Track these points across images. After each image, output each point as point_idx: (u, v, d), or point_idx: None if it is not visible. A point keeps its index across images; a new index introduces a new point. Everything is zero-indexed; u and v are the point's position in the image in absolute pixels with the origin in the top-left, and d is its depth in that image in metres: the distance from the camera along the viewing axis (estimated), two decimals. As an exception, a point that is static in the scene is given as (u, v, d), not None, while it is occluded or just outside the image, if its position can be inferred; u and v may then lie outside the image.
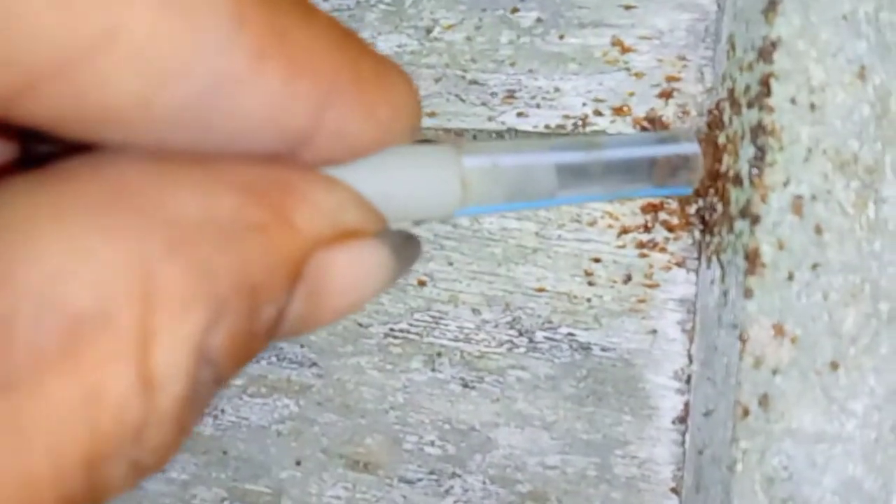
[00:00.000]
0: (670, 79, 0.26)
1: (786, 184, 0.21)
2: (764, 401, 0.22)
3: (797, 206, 0.21)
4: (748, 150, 0.22)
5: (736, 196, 0.23)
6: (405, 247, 0.15)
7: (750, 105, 0.22)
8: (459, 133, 0.27)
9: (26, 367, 0.09)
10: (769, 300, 0.21)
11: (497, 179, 0.19)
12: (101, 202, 0.10)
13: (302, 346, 0.30)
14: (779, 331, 0.21)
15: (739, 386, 0.22)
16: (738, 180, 0.22)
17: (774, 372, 0.22)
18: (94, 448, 0.10)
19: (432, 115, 0.27)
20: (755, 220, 0.21)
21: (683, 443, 0.27)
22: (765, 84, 0.21)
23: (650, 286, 0.27)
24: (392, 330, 0.29)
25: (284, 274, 0.12)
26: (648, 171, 0.22)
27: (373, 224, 0.14)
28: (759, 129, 0.21)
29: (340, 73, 0.12)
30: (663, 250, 0.27)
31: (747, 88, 0.22)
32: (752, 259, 0.22)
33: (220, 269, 0.11)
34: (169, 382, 0.11)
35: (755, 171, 0.22)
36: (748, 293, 0.22)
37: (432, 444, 0.29)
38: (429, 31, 0.28)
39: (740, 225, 0.22)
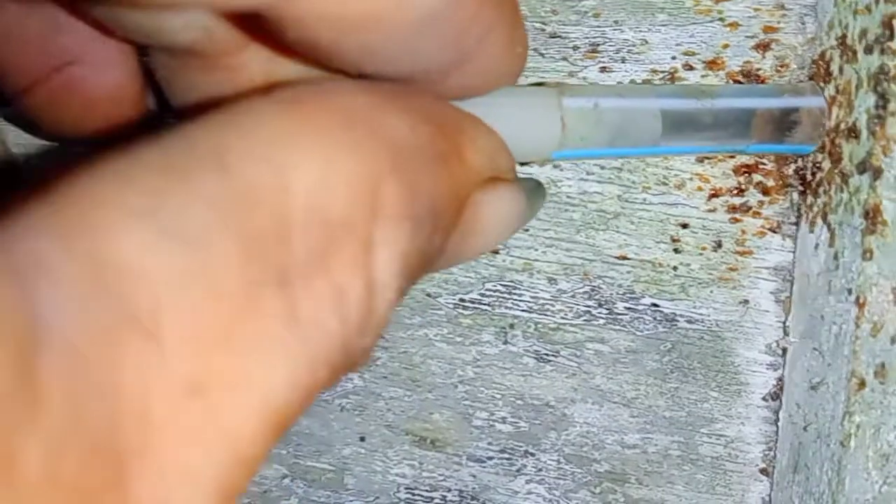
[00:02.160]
0: (768, 29, 0.24)
1: (913, 134, 0.19)
2: (881, 371, 0.20)
3: (925, 158, 0.19)
4: (867, 99, 0.20)
5: (850, 150, 0.21)
6: (535, 194, 0.16)
7: (868, 50, 0.20)
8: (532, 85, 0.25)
9: (299, 266, 0.10)
10: (891, 261, 0.20)
11: (598, 122, 0.18)
12: (339, 123, 0.11)
13: (366, 317, 0.28)
14: (902, 295, 0.20)
15: (855, 356, 0.20)
16: (853, 133, 0.21)
17: (894, 340, 0.20)
18: (345, 341, 0.11)
19: (509, 70, 0.26)
20: (876, 173, 0.20)
21: (776, 421, 0.25)
22: (887, 26, 0.20)
23: (742, 253, 0.25)
24: (462, 300, 0.27)
25: (456, 205, 0.13)
26: (765, 125, 0.20)
27: (512, 170, 0.15)
28: (880, 75, 0.20)
29: (501, 6, 0.14)
30: (757, 214, 0.25)
31: (864, 33, 0.21)
32: (872, 217, 0.20)
33: (422, 190, 0.12)
34: (385, 289, 0.11)
35: (876, 121, 0.20)
36: (866, 254, 0.20)
37: (504, 420, 0.27)
38: (506, -19, 0.26)
39: (857, 181, 0.20)
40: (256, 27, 0.13)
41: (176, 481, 0.09)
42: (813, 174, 0.23)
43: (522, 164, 0.25)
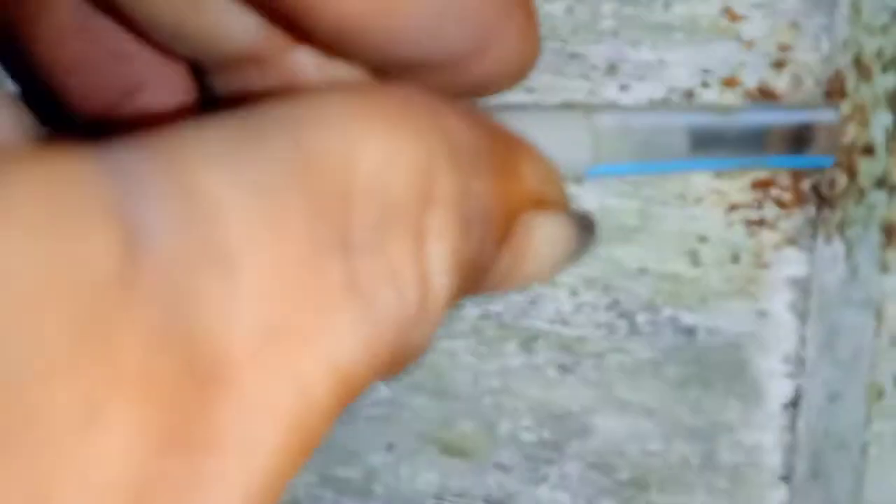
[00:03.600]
0: (783, 48, 0.25)
1: (928, 151, 0.20)
2: (901, 382, 0.21)
3: (940, 175, 0.20)
4: (883, 118, 0.21)
5: (867, 167, 0.21)
6: (587, 228, 0.16)
7: (885, 69, 0.21)
8: (562, 106, 0.26)
9: (358, 238, 0.11)
10: (908, 275, 0.20)
11: (628, 139, 0.19)
12: (403, 113, 0.12)
13: (391, 330, 0.29)
14: (919, 307, 0.20)
15: (873, 366, 0.21)
16: (869, 150, 0.21)
17: (913, 351, 0.20)
18: (401, 324, 0.11)
19: (531, 90, 0.26)
20: (893, 189, 0.20)
21: (794, 429, 0.26)
22: (902, 47, 0.20)
23: (760, 266, 0.26)
24: (486, 312, 0.28)
25: (506, 217, 0.13)
26: (786, 140, 0.21)
27: (564, 201, 0.15)
28: (897, 95, 0.20)
29: None
30: (774, 228, 0.26)
31: (880, 52, 0.21)
32: (890, 231, 0.20)
33: (475, 192, 0.12)
34: (437, 282, 0.12)
35: (892, 139, 0.20)
36: (885, 268, 0.20)
37: (528, 429, 0.28)
38: (527, 2, 0.27)
39: (875, 196, 0.21)
40: (292, 22, 0.14)
41: (255, 416, 0.10)
42: (829, 189, 0.24)
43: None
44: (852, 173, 0.22)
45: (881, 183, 0.21)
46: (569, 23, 0.26)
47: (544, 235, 0.14)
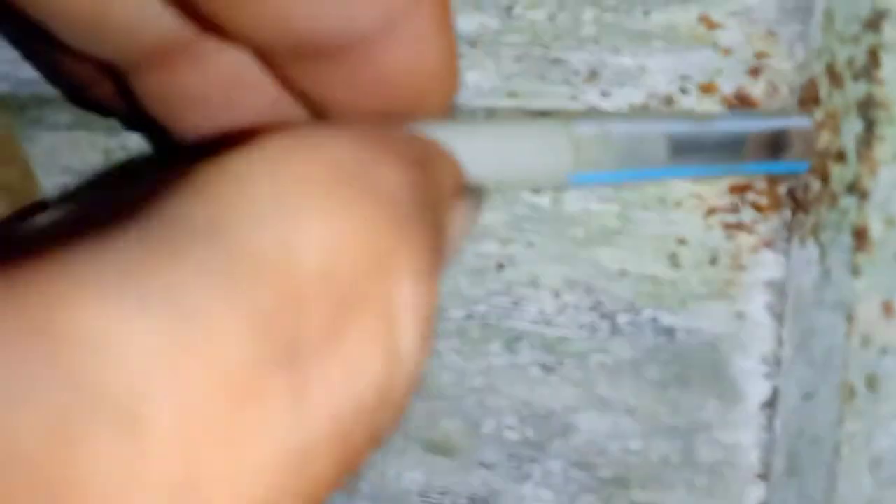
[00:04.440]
0: (760, 55, 0.25)
1: (896, 158, 0.21)
2: (872, 382, 0.21)
3: (908, 181, 0.21)
4: (854, 125, 0.21)
5: (839, 172, 0.22)
6: (478, 198, 0.16)
7: (856, 78, 0.21)
8: (542, 114, 0.27)
9: (313, 341, 0.09)
10: (878, 278, 0.21)
11: (608, 146, 0.19)
12: (334, 179, 0.10)
13: (377, 331, 0.29)
14: (888, 309, 0.21)
15: (845, 367, 0.21)
16: (841, 156, 0.22)
17: (883, 352, 0.21)
18: (360, 416, 0.10)
19: (513, 95, 0.27)
20: (864, 195, 0.21)
21: (771, 428, 0.27)
22: (873, 55, 0.21)
23: (737, 268, 0.26)
24: (471, 313, 0.28)
25: (444, 234, 0.13)
26: (762, 147, 0.21)
27: (460, 182, 0.15)
28: (867, 103, 0.21)
29: None
30: (751, 231, 0.26)
31: (851, 61, 0.22)
32: (861, 236, 0.21)
33: (425, 236, 0.11)
34: (410, 355, 0.11)
35: (863, 145, 0.21)
36: (856, 271, 0.21)
37: (512, 428, 0.28)
38: (510, 9, 0.27)
39: (846, 202, 0.22)
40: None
41: None
42: (804, 194, 0.24)
43: (535, 190, 0.26)
44: (825, 179, 0.23)
45: (852, 188, 0.21)
46: (551, 29, 0.27)
47: (462, 221, 0.14)
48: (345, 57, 0.14)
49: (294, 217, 0.10)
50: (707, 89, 0.26)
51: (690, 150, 0.21)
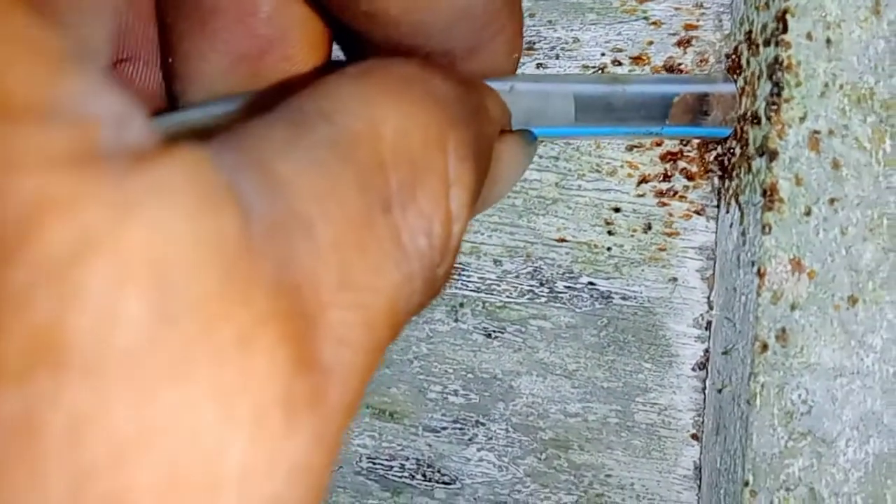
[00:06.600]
0: (688, 27, 0.26)
1: (803, 119, 0.21)
2: (782, 336, 0.22)
3: (814, 141, 0.21)
4: (765, 88, 0.22)
5: (754, 135, 0.23)
6: (532, 142, 0.20)
7: (767, 43, 0.22)
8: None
9: (395, 197, 0.13)
10: (787, 235, 0.22)
11: (514, 103, 0.20)
12: (402, 86, 0.14)
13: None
14: (797, 266, 0.22)
15: (758, 321, 0.22)
16: (756, 119, 0.23)
17: (793, 307, 0.22)
18: (432, 263, 0.14)
19: (453, 68, 0.28)
20: (773, 155, 0.22)
21: (704, 389, 0.27)
22: (781, 20, 0.22)
23: (670, 235, 0.27)
24: (415, 282, 0.29)
25: (489, 150, 0.16)
26: (680, 111, 0.22)
27: (510, 124, 0.19)
28: (775, 65, 0.22)
29: (513, 15, 0.18)
30: (683, 198, 0.27)
31: (764, 27, 0.23)
32: (770, 195, 0.22)
33: (472, 136, 0.15)
34: (458, 219, 0.14)
35: (772, 107, 0.22)
36: (766, 229, 0.22)
37: (456, 393, 0.29)
38: (449, -15, 0.28)
39: (758, 163, 0.22)
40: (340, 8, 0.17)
41: (339, 344, 0.12)
42: (729, 160, 0.25)
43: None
44: (744, 143, 0.24)
45: (762, 149, 0.22)
46: (489, 4, 0.28)
47: (509, 157, 0.18)
48: (444, 59, 0.18)
49: (377, 108, 0.14)
50: (638, 60, 0.27)
51: (600, 110, 0.22)
